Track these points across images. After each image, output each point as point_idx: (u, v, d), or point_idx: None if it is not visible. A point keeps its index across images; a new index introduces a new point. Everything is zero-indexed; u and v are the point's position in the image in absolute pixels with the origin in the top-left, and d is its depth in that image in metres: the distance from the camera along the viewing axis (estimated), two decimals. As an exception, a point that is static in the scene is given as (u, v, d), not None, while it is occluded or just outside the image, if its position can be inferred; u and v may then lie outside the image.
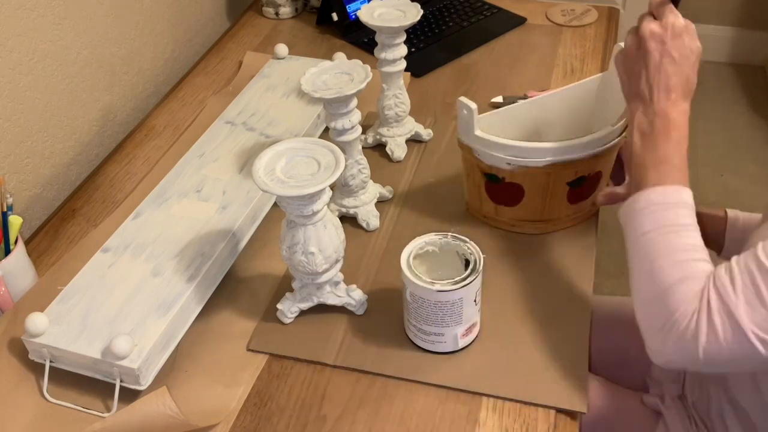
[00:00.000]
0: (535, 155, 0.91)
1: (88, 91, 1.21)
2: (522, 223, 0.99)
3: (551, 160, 0.91)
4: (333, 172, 0.76)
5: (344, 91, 0.88)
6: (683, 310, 0.71)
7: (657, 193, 0.76)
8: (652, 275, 0.74)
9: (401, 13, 1.04)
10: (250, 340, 0.88)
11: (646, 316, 0.75)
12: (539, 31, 1.46)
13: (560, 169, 0.92)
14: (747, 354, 0.69)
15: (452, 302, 0.79)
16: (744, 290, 0.69)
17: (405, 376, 0.83)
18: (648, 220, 0.76)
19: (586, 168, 0.94)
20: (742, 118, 2.54)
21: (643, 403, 1.02)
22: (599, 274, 1.93)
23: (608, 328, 1.12)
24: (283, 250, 0.83)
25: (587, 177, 0.95)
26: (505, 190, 0.96)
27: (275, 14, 1.55)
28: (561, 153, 0.91)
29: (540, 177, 0.93)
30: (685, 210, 0.75)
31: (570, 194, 0.96)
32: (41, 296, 0.91)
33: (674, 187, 0.76)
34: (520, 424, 0.78)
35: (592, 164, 0.94)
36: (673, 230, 0.74)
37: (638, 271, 0.76)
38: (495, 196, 0.98)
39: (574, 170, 0.93)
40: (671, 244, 0.74)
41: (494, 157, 0.93)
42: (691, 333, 0.70)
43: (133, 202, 1.03)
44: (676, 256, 0.73)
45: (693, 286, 0.72)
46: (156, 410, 0.75)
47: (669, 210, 0.75)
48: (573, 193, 0.96)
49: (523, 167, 0.92)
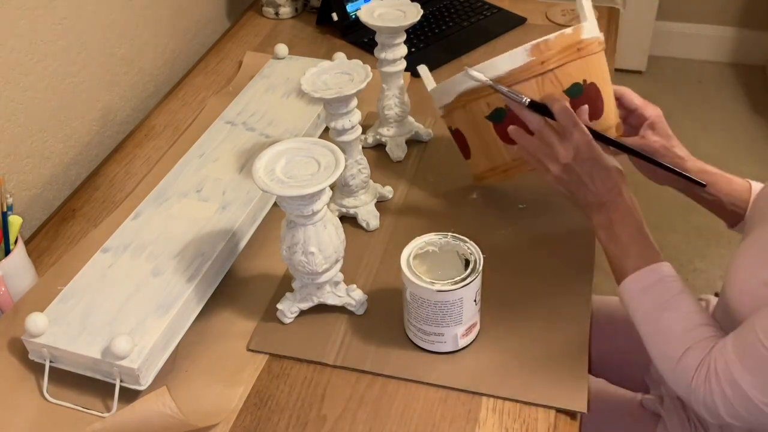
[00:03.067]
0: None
1: (88, 91, 1.21)
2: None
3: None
4: (333, 172, 0.76)
5: (344, 91, 0.88)
6: (696, 379, 0.77)
7: (635, 280, 0.83)
8: (663, 353, 0.81)
9: (401, 13, 1.04)
10: (250, 340, 0.88)
11: (673, 386, 0.82)
12: (539, 31, 1.45)
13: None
14: (761, 418, 0.74)
15: (452, 302, 0.79)
16: (748, 363, 0.73)
17: (405, 376, 0.83)
18: (640, 306, 0.82)
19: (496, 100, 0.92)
20: (742, 118, 2.54)
21: (642, 405, 1.02)
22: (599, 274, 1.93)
23: (608, 329, 1.12)
24: (283, 250, 0.83)
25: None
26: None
27: (275, 14, 1.55)
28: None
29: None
30: (666, 284, 0.82)
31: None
32: (41, 296, 0.91)
33: (648, 268, 0.82)
34: (520, 424, 0.78)
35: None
36: (664, 307, 0.81)
37: (652, 352, 0.83)
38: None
39: (486, 102, 0.93)
40: (668, 321, 0.81)
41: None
42: (710, 400, 0.77)
43: (133, 202, 1.03)
44: (676, 330, 0.80)
45: (696, 354, 0.78)
46: (156, 410, 0.75)
47: (653, 290, 0.82)
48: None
49: None
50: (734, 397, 0.74)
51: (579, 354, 0.84)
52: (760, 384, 0.72)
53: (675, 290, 0.81)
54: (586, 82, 0.91)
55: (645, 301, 0.82)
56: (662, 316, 0.81)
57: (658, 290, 0.81)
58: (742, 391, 0.73)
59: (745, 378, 0.73)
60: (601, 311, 1.15)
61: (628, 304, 0.84)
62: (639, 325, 0.83)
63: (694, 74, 2.77)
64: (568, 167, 0.85)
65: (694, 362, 0.78)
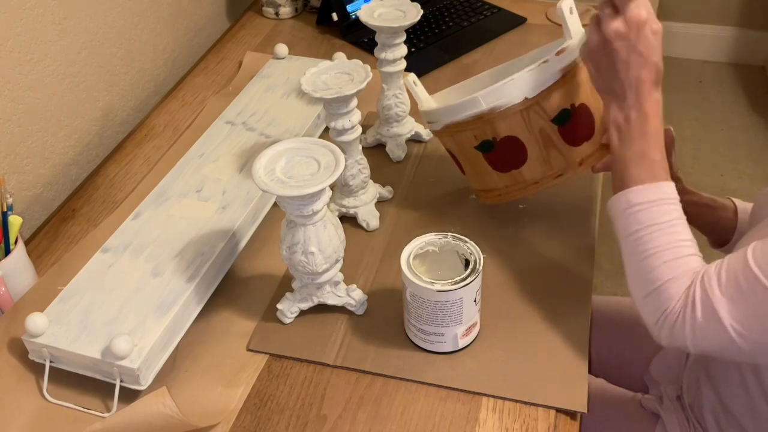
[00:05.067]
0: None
1: (88, 91, 1.21)
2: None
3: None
4: (333, 172, 0.76)
5: (344, 91, 0.88)
6: (672, 307, 0.75)
7: (638, 193, 0.78)
8: (643, 274, 0.77)
9: (401, 13, 1.04)
10: (250, 340, 0.88)
11: (643, 310, 0.79)
12: (539, 31, 1.45)
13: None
14: (727, 346, 0.73)
15: (452, 302, 0.79)
16: (728, 289, 0.72)
17: (405, 376, 0.83)
18: (633, 221, 0.78)
19: (484, 132, 0.91)
20: (742, 118, 2.54)
21: (641, 405, 1.02)
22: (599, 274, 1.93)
23: (607, 329, 1.12)
24: (283, 250, 0.83)
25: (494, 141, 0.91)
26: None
27: (275, 14, 1.55)
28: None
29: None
30: (667, 206, 0.77)
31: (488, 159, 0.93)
32: (41, 296, 0.91)
33: (654, 185, 0.78)
34: (520, 424, 0.78)
35: (485, 129, 0.90)
36: (658, 228, 0.77)
37: (631, 270, 0.79)
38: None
39: (473, 134, 0.91)
40: (658, 243, 0.76)
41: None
42: (679, 327, 0.75)
43: (133, 202, 1.03)
44: (664, 256, 0.76)
45: (681, 285, 0.75)
46: (156, 410, 0.75)
47: (652, 208, 0.77)
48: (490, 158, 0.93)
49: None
50: (707, 325, 0.73)
51: (579, 354, 0.84)
52: (738, 308, 0.71)
53: (673, 214, 0.77)
54: (575, 105, 0.89)
55: (640, 217, 0.77)
56: (655, 237, 0.76)
57: (657, 210, 0.77)
58: (716, 317, 0.72)
59: (722, 302, 0.72)
60: (601, 311, 1.15)
61: (619, 215, 0.79)
62: (625, 240, 0.79)
63: (694, 74, 2.77)
64: (605, 42, 0.77)
65: (674, 292, 0.75)
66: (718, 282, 0.73)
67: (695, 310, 0.73)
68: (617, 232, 0.80)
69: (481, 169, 0.95)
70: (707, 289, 0.73)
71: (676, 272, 0.75)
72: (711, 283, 0.73)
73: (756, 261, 0.71)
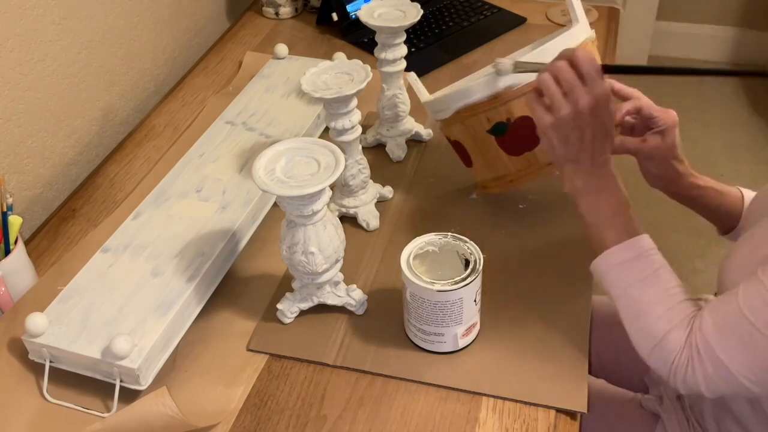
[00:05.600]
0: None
1: (88, 91, 1.21)
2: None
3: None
4: (333, 172, 0.76)
5: (344, 91, 0.88)
6: (678, 359, 0.76)
7: (618, 253, 0.80)
8: (643, 332, 0.79)
9: (401, 13, 1.04)
10: (250, 340, 0.88)
11: (653, 366, 0.80)
12: (539, 31, 1.45)
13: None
14: (742, 390, 0.74)
15: (452, 302, 0.79)
16: (728, 339, 0.73)
17: (405, 376, 0.83)
18: (618, 281, 0.80)
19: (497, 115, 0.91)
20: (742, 118, 2.54)
21: (641, 405, 1.02)
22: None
23: (607, 329, 1.12)
24: (283, 250, 0.83)
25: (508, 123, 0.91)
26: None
27: (275, 14, 1.55)
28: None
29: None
30: (647, 258, 0.79)
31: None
32: (41, 296, 0.91)
33: (629, 242, 0.79)
34: (520, 424, 0.78)
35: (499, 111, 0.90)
36: (644, 282, 0.78)
37: (630, 329, 0.80)
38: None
39: (486, 117, 0.92)
40: (648, 298, 0.78)
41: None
42: (691, 378, 0.76)
43: (133, 202, 1.03)
44: (656, 310, 0.78)
45: (680, 335, 0.76)
46: (156, 410, 0.75)
47: (633, 265, 0.79)
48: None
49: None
50: (716, 374, 0.73)
51: (579, 354, 0.84)
52: (743, 358, 0.72)
53: (656, 264, 0.79)
54: None
55: (625, 276, 0.79)
56: (644, 292, 0.78)
57: (640, 264, 0.79)
58: (724, 367, 0.73)
59: (727, 353, 0.72)
60: (601, 311, 1.15)
61: (604, 277, 0.81)
62: (617, 300, 0.80)
63: (694, 74, 2.76)
64: (578, 115, 0.78)
65: (677, 343, 0.76)
66: (717, 333, 0.73)
67: (702, 362, 0.74)
68: (607, 291, 0.82)
69: (493, 154, 0.95)
70: (709, 341, 0.74)
71: (673, 323, 0.77)
72: (710, 334, 0.74)
73: (748, 307, 0.72)
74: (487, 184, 1.00)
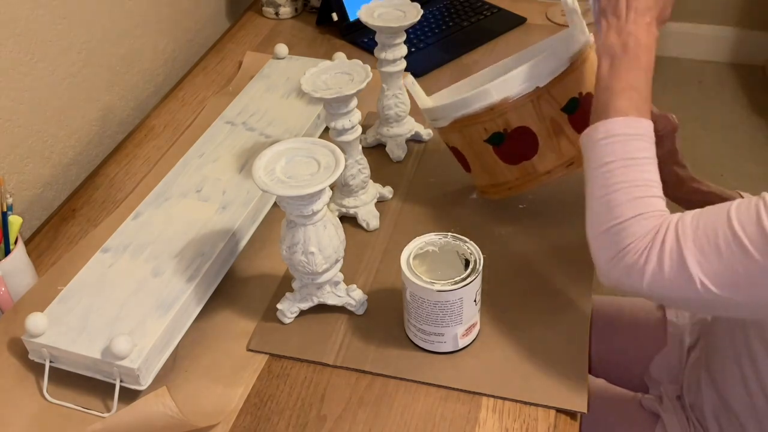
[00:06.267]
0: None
1: (88, 91, 1.21)
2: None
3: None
4: (333, 172, 0.76)
5: (344, 91, 0.88)
6: (635, 245, 0.72)
7: (618, 124, 0.75)
8: (609, 208, 0.74)
9: (401, 13, 1.04)
10: (250, 340, 0.88)
11: (598, 244, 0.75)
12: (539, 31, 1.45)
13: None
14: (689, 296, 0.70)
15: (452, 302, 0.79)
16: (703, 241, 0.69)
17: (405, 376, 0.83)
18: (608, 151, 0.75)
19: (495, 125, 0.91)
20: (742, 118, 2.54)
21: (641, 405, 1.02)
22: (599, 274, 1.93)
23: (607, 329, 1.12)
24: (283, 250, 0.83)
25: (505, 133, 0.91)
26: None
27: (275, 14, 1.55)
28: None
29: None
30: (645, 142, 0.75)
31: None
32: (41, 296, 0.91)
33: (636, 119, 0.75)
34: (520, 424, 0.78)
35: (498, 121, 0.90)
36: (632, 163, 0.74)
37: (595, 201, 0.76)
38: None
39: (483, 127, 0.92)
40: (630, 178, 0.73)
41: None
42: (640, 266, 0.71)
43: (133, 202, 1.03)
44: (634, 192, 0.73)
45: (646, 224, 0.72)
46: (156, 410, 0.75)
47: (630, 142, 0.74)
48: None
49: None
50: (672, 273, 0.70)
51: (579, 354, 0.84)
52: (712, 263, 0.68)
53: (650, 152, 0.75)
54: (582, 94, 0.90)
55: (617, 149, 0.74)
56: (629, 171, 0.73)
57: (637, 145, 0.74)
58: (683, 266, 0.69)
59: (695, 254, 0.69)
60: (601, 311, 1.15)
61: (592, 146, 0.76)
62: (593, 171, 0.76)
63: (694, 74, 2.77)
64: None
65: (641, 229, 0.72)
66: (694, 232, 0.70)
67: (662, 256, 0.70)
68: (586, 163, 0.77)
69: (491, 163, 0.95)
70: (680, 237, 0.70)
71: (644, 210, 0.72)
72: (686, 231, 0.70)
73: (739, 219, 0.68)
74: (486, 190, 1.00)
